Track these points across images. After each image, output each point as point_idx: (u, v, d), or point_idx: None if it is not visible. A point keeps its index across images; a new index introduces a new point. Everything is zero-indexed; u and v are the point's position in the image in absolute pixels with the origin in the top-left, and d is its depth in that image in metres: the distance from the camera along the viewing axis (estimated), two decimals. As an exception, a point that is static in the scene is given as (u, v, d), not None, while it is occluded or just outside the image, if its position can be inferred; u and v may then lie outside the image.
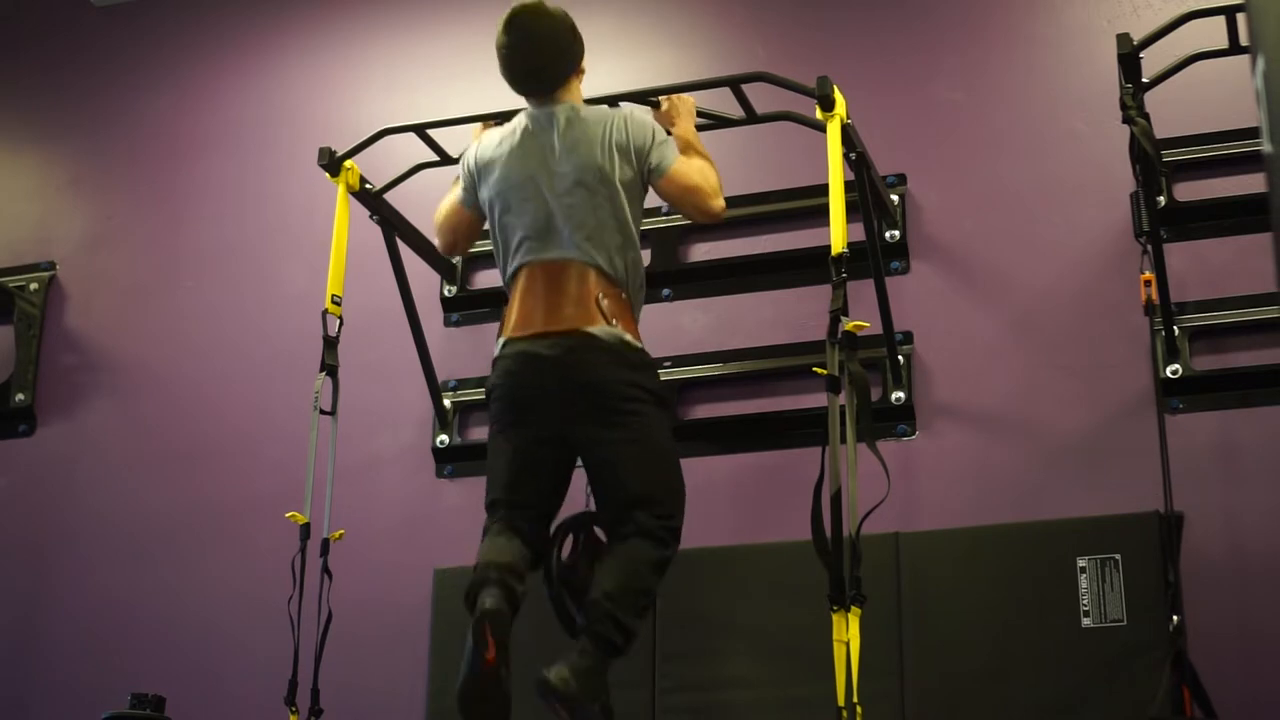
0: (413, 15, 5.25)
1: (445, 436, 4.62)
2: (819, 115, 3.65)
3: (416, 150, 4.20)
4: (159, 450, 4.93)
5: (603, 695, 3.17)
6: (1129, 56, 3.64)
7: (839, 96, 3.63)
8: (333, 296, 4.02)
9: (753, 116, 3.93)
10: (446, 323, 4.78)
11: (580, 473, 3.50)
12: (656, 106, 3.82)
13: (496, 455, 3.38)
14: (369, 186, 4.18)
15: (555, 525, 3.42)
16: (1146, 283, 3.79)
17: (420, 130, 4.10)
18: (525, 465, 3.35)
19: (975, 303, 4.31)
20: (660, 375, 3.45)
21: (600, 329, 3.31)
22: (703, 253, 4.58)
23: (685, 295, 4.51)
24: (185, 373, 5.02)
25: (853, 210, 3.71)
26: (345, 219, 4.12)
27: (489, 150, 3.61)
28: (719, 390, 4.47)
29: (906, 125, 4.50)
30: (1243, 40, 3.66)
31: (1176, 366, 4.00)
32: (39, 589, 4.92)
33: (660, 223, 4.55)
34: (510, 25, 3.51)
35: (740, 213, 4.52)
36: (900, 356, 4.23)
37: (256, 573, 4.46)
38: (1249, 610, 3.77)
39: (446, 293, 4.78)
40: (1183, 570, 3.57)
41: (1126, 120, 3.64)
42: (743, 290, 4.52)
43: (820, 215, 3.72)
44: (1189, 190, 4.18)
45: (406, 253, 4.38)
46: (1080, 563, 3.65)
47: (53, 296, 5.27)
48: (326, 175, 4.12)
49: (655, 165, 3.53)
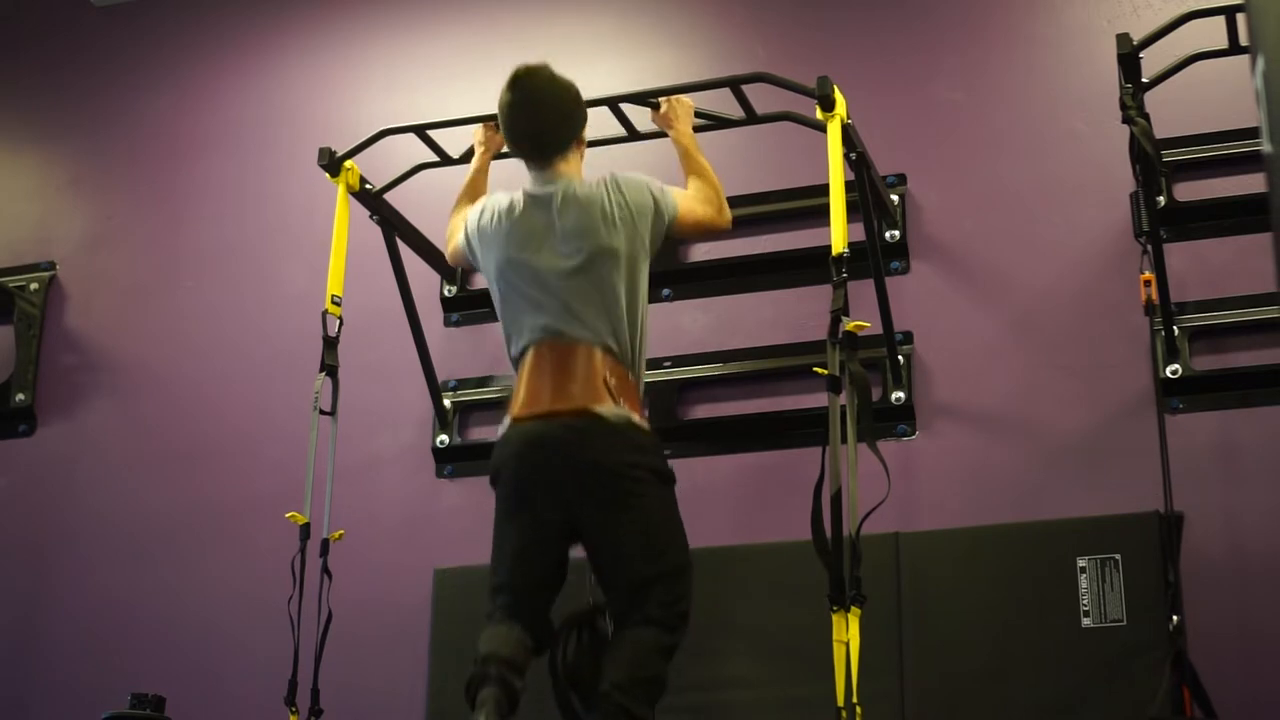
0: (413, 15, 5.25)
1: (445, 436, 4.62)
2: (819, 115, 3.65)
3: (416, 150, 4.20)
4: (159, 450, 4.94)
5: None
6: (1129, 56, 3.64)
7: (839, 96, 3.63)
8: (333, 296, 4.02)
9: (753, 117, 3.93)
10: (446, 323, 4.78)
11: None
12: (656, 108, 3.82)
13: (501, 539, 3.30)
14: (369, 186, 4.18)
15: (560, 622, 3.31)
16: (1146, 283, 3.79)
17: (420, 130, 4.10)
18: (529, 550, 3.27)
19: (975, 303, 4.31)
20: (664, 454, 3.35)
21: (607, 409, 3.23)
22: (703, 253, 4.58)
23: (685, 295, 4.51)
24: (185, 373, 5.02)
25: (853, 210, 3.71)
26: (345, 219, 4.12)
27: (488, 227, 3.49)
28: (719, 390, 4.48)
29: (906, 125, 4.51)
30: (1243, 40, 3.66)
31: (1176, 366, 4.00)
32: (39, 589, 4.92)
33: (660, 223, 4.55)
34: (514, 84, 3.41)
35: (740, 213, 4.48)
36: (900, 356, 4.23)
37: (256, 573, 4.46)
38: (1249, 610, 3.77)
39: (446, 293, 4.78)
40: (1183, 570, 3.57)
41: (1126, 120, 3.64)
42: (743, 290, 4.52)
43: (820, 215, 3.73)
44: (1189, 190, 4.18)
45: (406, 253, 4.38)
46: (1080, 563, 3.65)
47: (53, 296, 5.28)
48: (326, 175, 4.12)
49: (667, 215, 3.47)
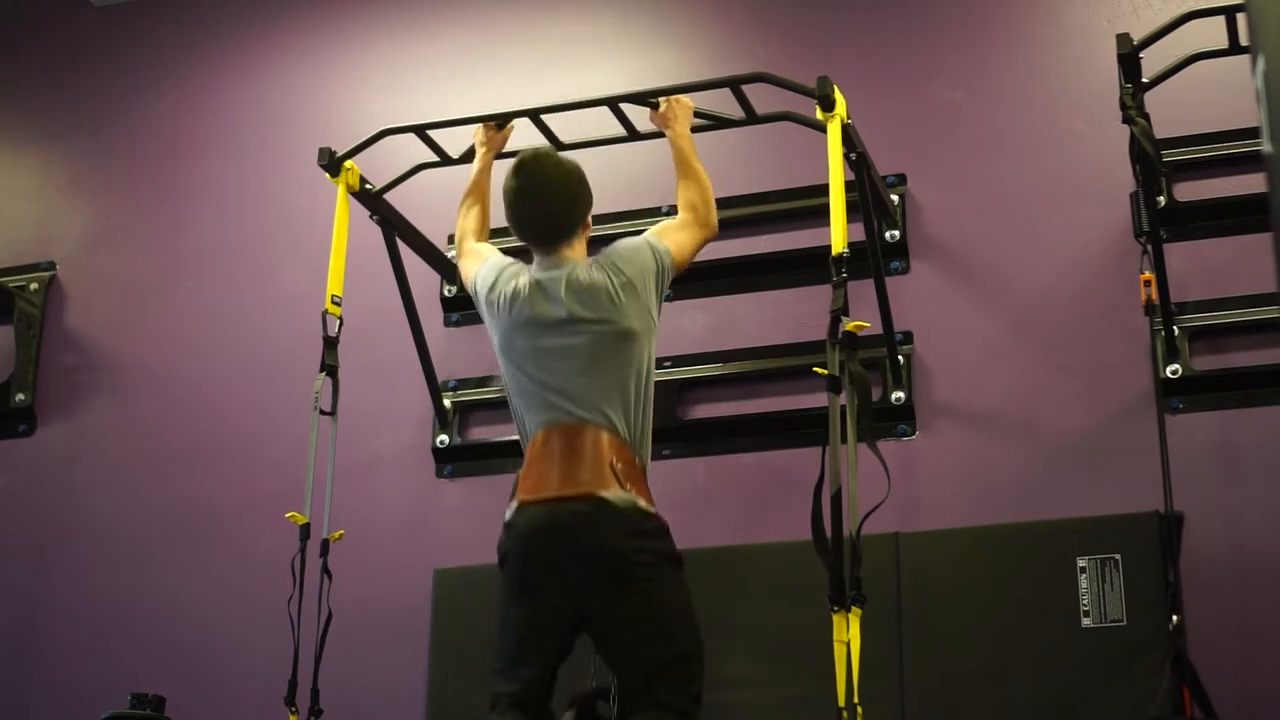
0: (413, 15, 5.25)
1: (445, 436, 4.62)
2: (819, 115, 3.65)
3: (416, 150, 4.20)
4: (159, 450, 4.94)
5: None
6: (1129, 56, 3.64)
7: (839, 96, 3.63)
8: (333, 296, 4.02)
9: (753, 117, 3.93)
10: (446, 323, 4.78)
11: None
12: (655, 108, 3.81)
13: (506, 624, 3.28)
14: (369, 186, 4.18)
15: (565, 708, 3.30)
16: (1146, 283, 3.80)
17: (420, 130, 4.10)
18: (535, 636, 3.25)
19: (975, 303, 4.31)
20: (673, 537, 3.31)
21: (614, 493, 3.20)
22: (703, 253, 4.55)
23: (685, 295, 4.50)
24: (185, 373, 5.02)
25: (853, 210, 3.70)
26: (345, 219, 4.11)
27: (497, 303, 3.45)
28: (719, 390, 4.47)
29: (906, 125, 4.51)
30: (1243, 40, 3.66)
31: (1176, 366, 4.00)
32: (39, 589, 4.92)
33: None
34: (519, 171, 3.37)
35: (740, 213, 4.52)
36: (900, 356, 4.23)
37: (256, 573, 4.46)
38: (1249, 610, 3.77)
39: (446, 293, 4.78)
40: (1183, 570, 3.57)
41: (1126, 120, 3.64)
42: (743, 290, 4.52)
43: (820, 215, 3.72)
44: (1189, 190, 4.18)
45: (406, 253, 4.38)
46: (1080, 563, 3.65)
47: (53, 296, 5.28)
48: (326, 175, 4.12)
49: (668, 266, 3.48)
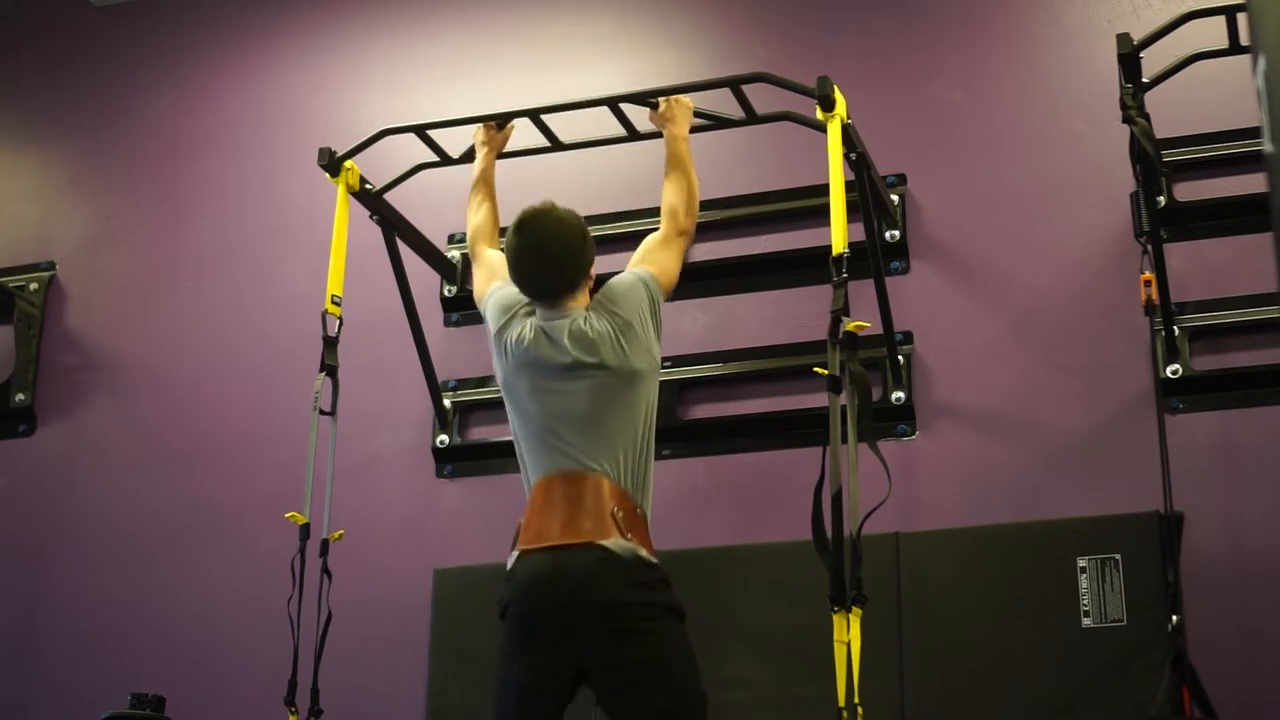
0: (413, 15, 5.25)
1: (445, 436, 4.62)
2: (819, 115, 3.65)
3: (416, 150, 4.20)
4: (159, 450, 4.94)
5: None
6: (1129, 56, 3.64)
7: (839, 96, 3.63)
8: (333, 296, 4.01)
9: (753, 117, 3.93)
10: (446, 323, 4.78)
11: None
12: (655, 107, 3.81)
13: (505, 677, 3.25)
14: (369, 186, 4.18)
15: None
16: (1146, 283, 3.80)
17: (420, 130, 4.10)
18: (534, 690, 3.22)
19: (975, 303, 4.31)
20: (673, 589, 3.27)
21: (616, 543, 3.18)
22: (703, 253, 4.57)
23: (685, 295, 4.49)
24: (185, 373, 5.02)
25: (853, 210, 3.70)
26: (345, 219, 4.11)
27: (509, 341, 3.41)
28: (719, 390, 4.47)
29: (906, 125, 4.51)
30: (1243, 40, 3.66)
31: (1176, 366, 4.00)
32: (39, 589, 4.92)
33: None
34: (521, 229, 3.34)
35: (740, 213, 4.53)
36: (900, 356, 4.23)
37: (256, 573, 4.46)
38: (1249, 610, 3.77)
39: (446, 293, 4.78)
40: (1183, 570, 3.57)
41: (1126, 120, 3.64)
42: (743, 290, 4.52)
43: (820, 215, 3.72)
44: (1189, 190, 4.18)
45: (406, 253, 4.38)
46: (1080, 563, 3.65)
47: (53, 296, 5.27)
48: (326, 175, 4.12)
49: (657, 293, 3.44)
